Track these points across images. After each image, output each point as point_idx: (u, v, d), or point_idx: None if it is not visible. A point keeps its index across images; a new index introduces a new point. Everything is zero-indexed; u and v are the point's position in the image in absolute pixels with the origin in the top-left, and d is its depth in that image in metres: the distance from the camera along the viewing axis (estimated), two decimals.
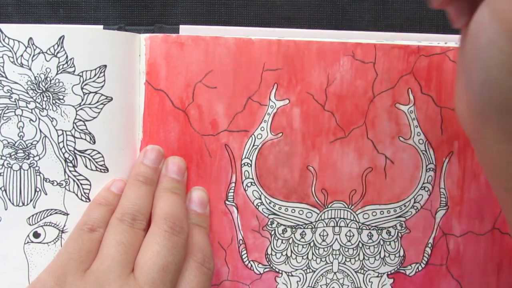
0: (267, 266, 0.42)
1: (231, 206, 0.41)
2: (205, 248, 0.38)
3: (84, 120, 0.38)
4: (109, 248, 0.35)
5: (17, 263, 0.38)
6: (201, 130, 0.40)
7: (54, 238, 0.38)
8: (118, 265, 0.34)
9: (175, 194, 0.38)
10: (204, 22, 0.42)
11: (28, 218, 0.38)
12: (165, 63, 0.39)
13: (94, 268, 0.34)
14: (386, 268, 0.43)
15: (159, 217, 0.36)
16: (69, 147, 0.38)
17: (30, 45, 0.37)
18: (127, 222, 0.36)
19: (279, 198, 0.41)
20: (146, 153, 0.39)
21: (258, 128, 0.41)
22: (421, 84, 0.41)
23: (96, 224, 0.36)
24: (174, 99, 0.40)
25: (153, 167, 0.39)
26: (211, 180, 0.41)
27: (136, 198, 0.37)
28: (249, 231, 0.42)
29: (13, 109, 0.37)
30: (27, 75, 0.37)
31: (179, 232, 0.36)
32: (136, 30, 0.40)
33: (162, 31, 0.41)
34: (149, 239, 0.35)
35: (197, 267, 0.36)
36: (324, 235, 0.42)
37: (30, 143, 0.37)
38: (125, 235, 0.35)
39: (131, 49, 0.39)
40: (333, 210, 0.42)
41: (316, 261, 0.42)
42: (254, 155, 0.41)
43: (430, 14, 0.43)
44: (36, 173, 0.37)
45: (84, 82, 0.38)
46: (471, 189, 0.42)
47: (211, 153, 0.40)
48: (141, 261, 0.34)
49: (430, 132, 0.42)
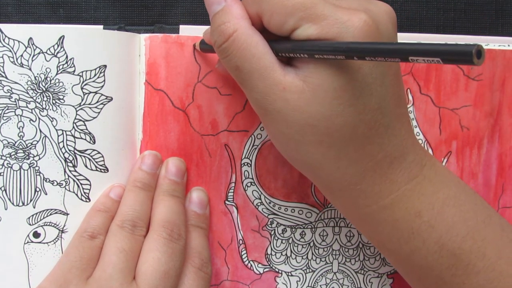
0: (267, 266, 0.42)
1: (231, 206, 0.41)
2: (203, 252, 0.38)
3: (84, 120, 0.38)
4: (110, 256, 0.35)
5: (17, 263, 0.37)
6: (201, 130, 0.40)
7: (54, 238, 0.38)
8: (120, 273, 0.34)
9: (174, 197, 0.38)
10: (204, 22, 0.42)
11: (28, 218, 0.37)
12: (165, 63, 0.39)
13: (96, 276, 0.34)
14: (386, 269, 0.43)
15: (158, 224, 0.36)
16: (69, 147, 0.38)
17: (30, 45, 0.37)
18: (128, 229, 0.36)
19: (279, 198, 0.41)
20: (143, 158, 0.39)
21: (258, 128, 0.41)
22: (420, 84, 0.41)
23: (96, 231, 0.36)
24: (174, 99, 0.40)
25: (150, 173, 0.39)
26: (211, 180, 0.41)
27: (135, 205, 0.37)
28: (249, 231, 0.42)
29: (13, 109, 0.37)
30: (27, 75, 0.37)
31: (177, 239, 0.36)
32: (136, 30, 0.40)
33: (162, 31, 0.41)
34: (149, 246, 0.36)
35: (195, 271, 0.37)
36: (324, 235, 0.42)
37: (30, 143, 0.37)
38: (126, 242, 0.35)
39: (131, 49, 0.39)
40: (333, 210, 0.42)
41: (316, 261, 0.42)
42: (254, 155, 0.41)
43: (430, 14, 0.43)
44: (36, 173, 0.37)
45: (84, 82, 0.37)
46: None
47: (211, 153, 0.40)
48: (142, 268, 0.35)
49: (428, 132, 0.42)
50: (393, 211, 0.32)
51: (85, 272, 0.35)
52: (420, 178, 0.32)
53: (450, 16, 0.44)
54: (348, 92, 0.29)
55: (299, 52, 0.29)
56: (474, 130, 0.42)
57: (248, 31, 0.30)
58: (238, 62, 0.30)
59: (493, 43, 0.42)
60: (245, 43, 0.30)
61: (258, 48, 0.30)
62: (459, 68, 0.42)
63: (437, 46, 0.22)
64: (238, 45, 0.30)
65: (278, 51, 0.30)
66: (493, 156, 0.43)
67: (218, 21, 0.31)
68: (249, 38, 0.30)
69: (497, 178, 0.43)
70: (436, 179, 0.33)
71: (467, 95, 0.42)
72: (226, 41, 0.30)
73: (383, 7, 0.31)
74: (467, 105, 0.42)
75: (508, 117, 0.42)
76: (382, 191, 0.32)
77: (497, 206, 0.43)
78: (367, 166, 0.31)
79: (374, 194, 0.32)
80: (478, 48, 0.20)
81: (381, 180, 0.32)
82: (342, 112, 0.29)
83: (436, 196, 0.32)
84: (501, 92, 0.42)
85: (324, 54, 0.27)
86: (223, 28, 0.30)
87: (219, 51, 0.31)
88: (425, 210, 0.32)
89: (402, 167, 0.32)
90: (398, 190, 0.32)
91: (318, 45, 0.28)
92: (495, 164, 0.43)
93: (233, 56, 0.30)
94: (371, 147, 0.31)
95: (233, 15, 0.31)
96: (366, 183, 0.32)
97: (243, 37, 0.30)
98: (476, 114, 0.42)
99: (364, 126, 0.30)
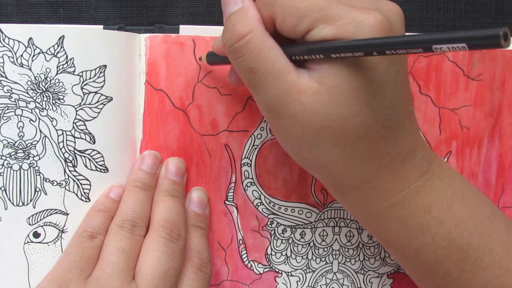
0: (267, 266, 0.42)
1: (231, 206, 0.41)
2: (203, 252, 0.38)
3: (84, 120, 0.38)
4: (110, 256, 0.35)
5: (17, 263, 0.37)
6: (201, 130, 0.40)
7: (54, 238, 0.38)
8: (119, 273, 0.34)
9: (174, 197, 0.38)
10: (204, 22, 0.42)
11: (28, 218, 0.37)
12: (165, 63, 0.39)
13: (95, 275, 0.34)
14: (386, 269, 0.43)
15: (157, 224, 0.36)
16: (69, 147, 0.38)
17: (30, 45, 0.37)
18: (127, 229, 0.36)
19: (279, 198, 0.41)
20: (143, 158, 0.39)
21: (258, 128, 0.41)
22: (420, 84, 0.41)
23: (96, 231, 0.36)
24: (174, 99, 0.40)
25: (150, 173, 0.39)
26: (211, 180, 0.41)
27: (135, 205, 0.37)
28: (249, 231, 0.42)
29: (13, 109, 0.37)
30: (27, 75, 0.37)
31: (177, 239, 0.36)
32: (136, 30, 0.40)
33: (162, 31, 0.41)
34: (148, 246, 0.36)
35: (194, 272, 0.37)
36: (324, 235, 0.42)
37: (30, 143, 0.37)
38: (125, 242, 0.35)
39: (131, 49, 0.39)
40: (333, 210, 0.42)
41: (316, 261, 0.42)
42: (254, 155, 0.41)
43: (430, 14, 0.43)
44: (36, 173, 0.37)
45: (84, 82, 0.37)
46: None
47: (211, 153, 0.40)
48: (142, 268, 0.35)
49: (428, 132, 0.42)
50: (404, 208, 0.32)
51: (84, 271, 0.35)
52: (429, 174, 0.33)
53: (450, 16, 0.44)
54: (364, 91, 0.29)
55: (315, 53, 0.29)
56: (474, 130, 0.42)
57: (263, 34, 0.30)
58: (252, 64, 0.30)
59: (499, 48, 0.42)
60: (260, 44, 0.30)
61: (273, 51, 0.30)
62: (459, 68, 0.42)
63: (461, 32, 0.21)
64: (253, 46, 0.30)
65: (292, 54, 0.30)
66: (493, 156, 0.43)
67: (234, 20, 0.31)
68: (265, 41, 0.30)
69: (497, 178, 0.43)
70: (443, 175, 0.33)
71: (467, 95, 0.42)
72: (240, 41, 0.30)
73: (393, 7, 0.31)
74: (467, 105, 0.42)
75: (508, 117, 0.42)
76: (394, 187, 0.32)
77: (497, 206, 0.43)
78: (381, 164, 0.31)
79: (387, 191, 0.32)
80: (505, 31, 0.20)
81: (393, 177, 0.32)
82: (358, 112, 0.29)
83: (445, 191, 0.33)
84: (501, 92, 0.42)
85: (342, 53, 0.27)
86: (238, 28, 0.30)
87: (231, 51, 0.31)
88: (434, 206, 0.32)
89: (413, 164, 0.32)
90: (410, 187, 0.32)
91: (336, 44, 0.28)
92: (495, 164, 0.43)
93: (247, 57, 0.30)
94: (385, 145, 0.31)
95: (250, 16, 0.30)
96: (379, 180, 0.32)
97: (259, 39, 0.30)
98: (476, 114, 0.42)
99: (379, 125, 0.30)
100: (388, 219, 0.33)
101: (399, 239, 0.33)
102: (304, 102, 0.29)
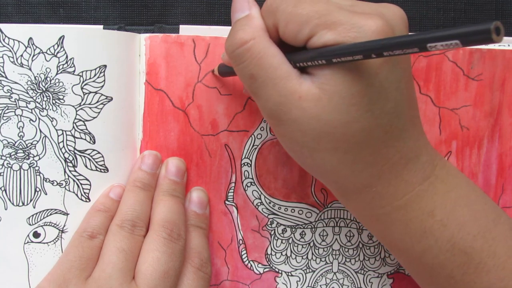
0: (267, 266, 0.42)
1: (231, 206, 0.41)
2: (203, 252, 0.38)
3: (84, 120, 0.38)
4: (110, 255, 0.35)
5: (17, 263, 0.37)
6: (201, 130, 0.40)
7: (54, 238, 0.38)
8: (119, 272, 0.34)
9: (174, 197, 0.38)
10: (204, 22, 0.42)
11: (28, 218, 0.37)
12: (165, 63, 0.39)
13: (95, 275, 0.34)
14: (386, 268, 0.43)
15: (157, 224, 0.36)
16: (69, 147, 0.38)
17: (30, 45, 0.37)
18: (127, 229, 0.36)
19: (279, 198, 0.41)
20: (143, 158, 0.39)
21: (258, 128, 0.41)
22: (420, 84, 0.41)
23: (96, 231, 0.36)
24: (174, 99, 0.40)
25: (150, 173, 0.39)
26: (211, 180, 0.41)
27: (135, 205, 0.37)
28: (249, 231, 0.42)
29: (13, 109, 0.37)
30: (27, 75, 0.37)
31: (177, 239, 0.36)
32: (136, 30, 0.40)
33: (162, 31, 0.41)
34: (148, 246, 0.36)
35: (194, 272, 0.37)
36: (324, 235, 0.42)
37: (30, 143, 0.37)
38: (125, 242, 0.35)
39: (131, 49, 0.39)
40: (333, 210, 0.42)
41: (316, 261, 0.42)
42: (254, 155, 0.41)
43: (430, 14, 0.43)
44: (36, 173, 0.37)
45: (84, 82, 0.37)
46: None
47: (211, 153, 0.40)
48: (142, 268, 0.35)
49: (428, 132, 0.42)
50: (407, 211, 0.32)
51: (84, 271, 0.35)
52: (432, 178, 0.33)
53: (450, 16, 0.44)
54: (365, 97, 0.29)
55: (317, 58, 0.29)
56: (474, 130, 0.42)
57: (266, 41, 0.30)
58: (253, 70, 0.30)
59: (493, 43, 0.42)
60: (262, 51, 0.30)
61: (276, 58, 0.30)
62: (459, 67, 0.42)
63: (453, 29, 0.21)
64: (255, 53, 0.30)
65: (295, 61, 0.30)
66: (493, 156, 0.43)
67: (238, 27, 0.31)
68: (267, 48, 0.30)
69: (497, 178, 0.43)
70: (448, 179, 0.33)
71: (467, 95, 0.42)
72: (241, 47, 0.30)
73: (396, 10, 0.31)
74: (467, 105, 0.42)
75: (508, 117, 0.42)
76: (397, 192, 0.32)
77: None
78: (383, 169, 0.31)
79: (389, 195, 0.32)
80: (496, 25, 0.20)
81: (396, 181, 0.32)
82: (359, 117, 0.29)
83: (448, 195, 0.33)
84: (501, 92, 0.42)
85: (342, 57, 0.27)
86: (241, 34, 0.30)
87: (233, 56, 0.31)
88: (438, 210, 0.32)
89: (416, 168, 0.32)
90: (413, 191, 0.32)
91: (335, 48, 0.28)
92: (495, 164, 0.43)
93: (249, 63, 0.30)
94: (386, 150, 0.31)
95: (254, 23, 0.31)
96: (382, 185, 0.32)
97: (260, 46, 0.30)
98: (476, 114, 0.42)
99: (380, 130, 0.30)
100: (391, 222, 0.33)
101: (402, 243, 0.33)
102: (305, 108, 0.29)
